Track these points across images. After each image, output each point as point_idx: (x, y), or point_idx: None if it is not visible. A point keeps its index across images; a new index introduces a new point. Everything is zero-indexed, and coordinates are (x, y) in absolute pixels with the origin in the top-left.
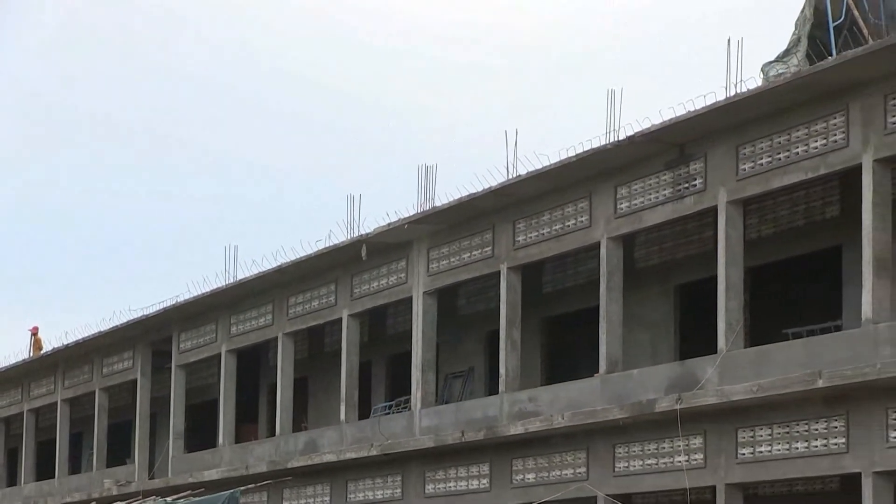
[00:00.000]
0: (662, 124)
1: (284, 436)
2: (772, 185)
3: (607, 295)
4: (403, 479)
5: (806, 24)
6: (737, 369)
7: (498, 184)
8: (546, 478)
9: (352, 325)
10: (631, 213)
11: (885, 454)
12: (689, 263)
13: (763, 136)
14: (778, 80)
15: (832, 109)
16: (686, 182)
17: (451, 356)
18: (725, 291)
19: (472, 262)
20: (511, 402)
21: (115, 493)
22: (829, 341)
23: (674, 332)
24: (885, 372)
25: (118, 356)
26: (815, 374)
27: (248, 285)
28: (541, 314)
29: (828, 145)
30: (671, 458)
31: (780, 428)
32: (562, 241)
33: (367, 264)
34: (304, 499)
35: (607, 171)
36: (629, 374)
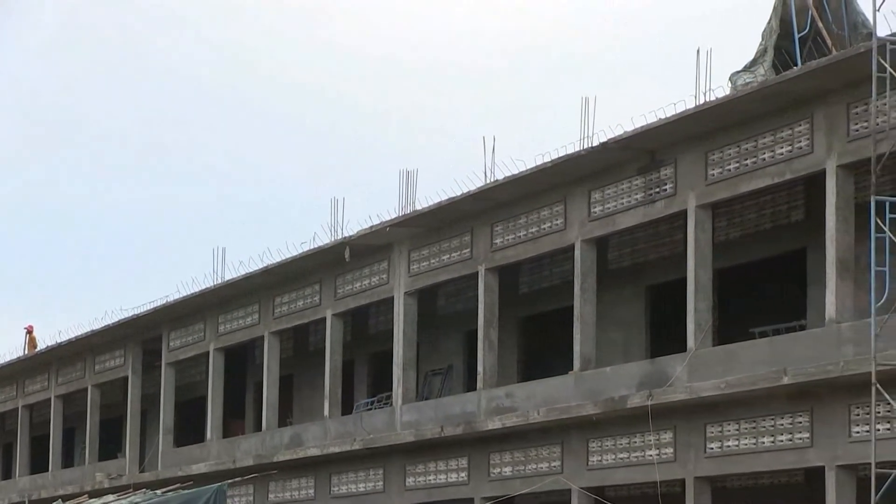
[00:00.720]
0: (634, 131)
1: (270, 431)
2: (739, 190)
3: (581, 295)
4: (385, 472)
5: (772, 35)
6: (705, 367)
7: (476, 188)
8: (522, 471)
9: (335, 324)
10: (604, 216)
11: (847, 449)
12: (660, 265)
13: (731, 142)
14: (745, 89)
15: (797, 117)
16: (657, 187)
17: (431, 354)
18: (695, 292)
19: (451, 264)
20: (488, 398)
21: (107, 486)
22: (794, 340)
23: (645, 331)
24: (847, 370)
25: (110, 354)
26: (781, 372)
27: (236, 286)
28: (517, 314)
29: (793, 151)
30: (642, 452)
31: (747, 423)
32: (538, 244)
33: (350, 266)
34: (289, 492)
35: (581, 176)
36: (602, 371)
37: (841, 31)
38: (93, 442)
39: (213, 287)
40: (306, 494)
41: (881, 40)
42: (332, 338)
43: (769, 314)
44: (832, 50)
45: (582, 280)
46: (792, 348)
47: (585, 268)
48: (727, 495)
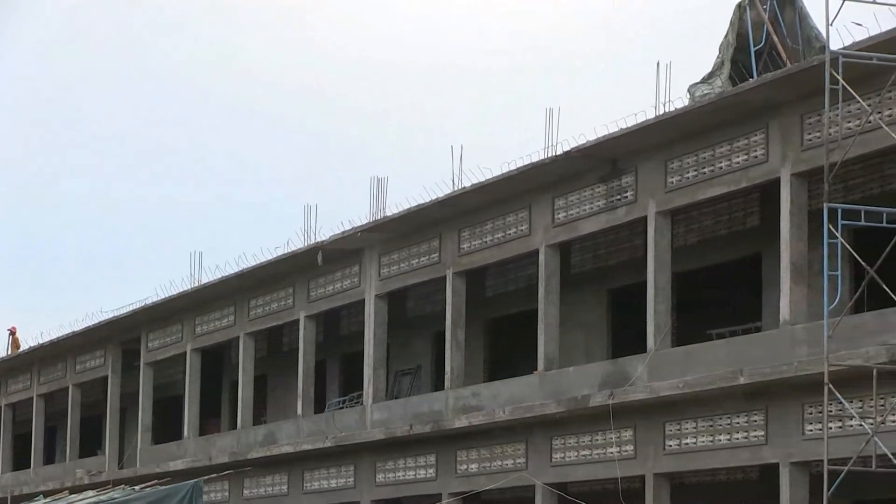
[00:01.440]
0: (596, 140)
1: (245, 429)
2: (697, 197)
3: (545, 298)
4: (356, 469)
5: (729, 48)
6: (665, 367)
7: (444, 195)
8: (488, 468)
9: (308, 325)
10: (567, 222)
11: (801, 446)
12: (621, 269)
13: (689, 151)
14: (703, 100)
15: (753, 127)
16: (618, 194)
17: (401, 355)
18: (654, 295)
19: (420, 268)
20: (456, 397)
21: (87, 482)
22: (750, 341)
23: (606, 332)
24: (801, 370)
25: (90, 355)
26: (737, 372)
27: (212, 289)
28: (484, 316)
29: (749, 160)
30: (604, 449)
31: (705, 421)
32: (503, 249)
33: (322, 270)
34: (263, 488)
35: (545, 183)
36: (565, 371)
37: (795, 45)
38: (73, 440)
39: (190, 290)
40: (280, 490)
41: (834, 53)
42: (304, 339)
43: (726, 316)
44: (787, 63)
45: (546, 283)
46: (748, 349)
47: (549, 272)
48: (685, 491)
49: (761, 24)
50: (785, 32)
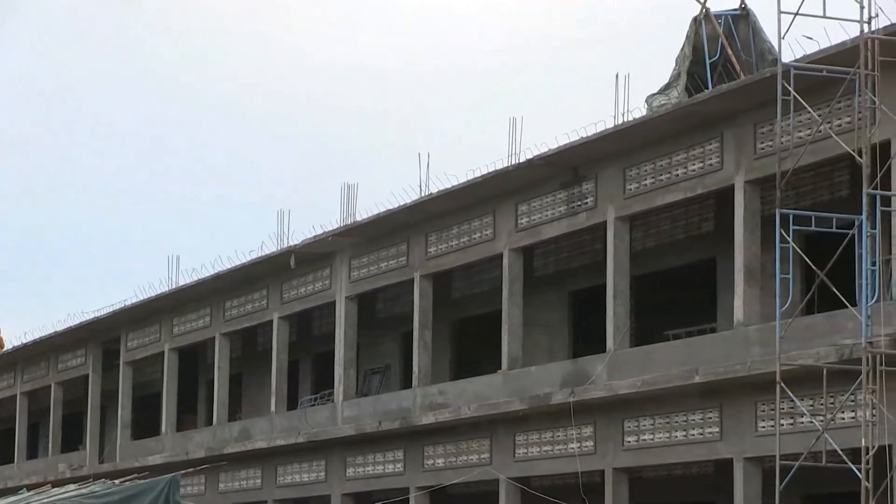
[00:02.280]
0: (558, 149)
1: (221, 425)
2: (655, 203)
3: (508, 300)
4: (327, 463)
5: (685, 60)
6: (623, 366)
7: (412, 201)
8: (454, 462)
9: (281, 326)
10: (530, 227)
11: (754, 442)
12: (582, 272)
13: (647, 159)
14: (660, 111)
15: (708, 136)
16: (579, 200)
17: (370, 354)
18: (613, 297)
19: (388, 271)
20: (423, 395)
21: (69, 477)
22: (705, 342)
23: (568, 333)
24: (754, 369)
25: (72, 354)
26: (693, 371)
27: (189, 291)
28: (450, 317)
29: (704, 168)
30: (565, 445)
31: (662, 419)
32: (468, 252)
33: (295, 272)
34: (238, 481)
35: (509, 190)
36: (528, 370)
37: (749, 58)
38: (56, 435)
39: (167, 292)
40: (254, 484)
41: (786, 66)
42: (278, 339)
43: (682, 318)
44: (740, 74)
45: (509, 286)
46: (703, 349)
47: (513, 275)
48: (643, 485)
49: (716, 38)
50: (739, 46)
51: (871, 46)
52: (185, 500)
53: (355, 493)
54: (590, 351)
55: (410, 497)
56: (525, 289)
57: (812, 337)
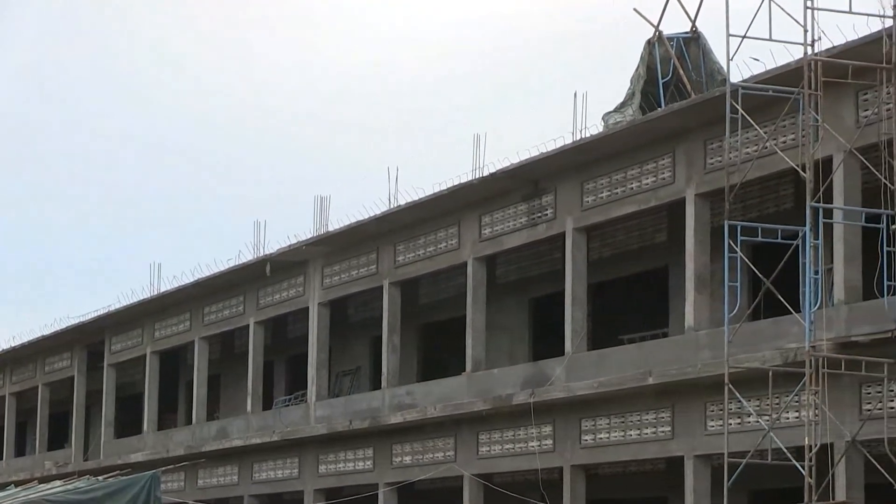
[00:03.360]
0: (519, 163)
1: (199, 424)
2: (611, 215)
3: (472, 306)
4: (300, 461)
5: (639, 80)
6: (581, 369)
7: (381, 212)
8: (420, 460)
9: (257, 330)
10: (493, 237)
11: (703, 440)
12: (542, 280)
13: (603, 173)
14: (616, 127)
15: (661, 152)
16: (539, 212)
17: (342, 357)
18: (571, 303)
19: (359, 278)
20: (392, 395)
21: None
22: (658, 345)
23: (528, 337)
24: (704, 371)
25: (58, 356)
26: (647, 373)
27: (170, 297)
28: (417, 322)
29: (657, 182)
30: (525, 443)
31: (617, 418)
32: (435, 261)
33: (270, 280)
34: (215, 478)
35: (473, 202)
36: (491, 372)
37: (699, 78)
38: (43, 434)
39: (149, 298)
40: (231, 480)
41: (734, 85)
42: (254, 342)
43: (636, 323)
44: (691, 94)
45: (473, 293)
46: (656, 353)
47: (476, 282)
48: (599, 481)
49: (668, 59)
50: (690, 66)
51: (814, 68)
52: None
53: (327, 489)
54: (549, 354)
55: (379, 493)
56: (488, 295)
57: (758, 341)
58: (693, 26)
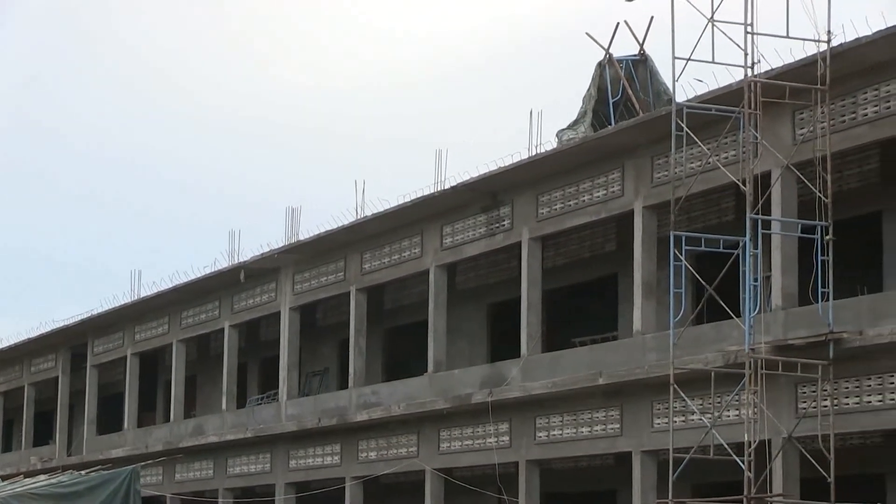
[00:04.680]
0: (479, 177)
1: (177, 421)
2: (564, 226)
3: (434, 311)
4: (272, 456)
5: (591, 100)
6: (536, 370)
7: (349, 222)
8: (385, 455)
9: (232, 334)
10: (454, 246)
11: (650, 437)
12: (499, 286)
13: (557, 186)
14: (569, 143)
15: (611, 167)
16: (497, 222)
17: (311, 358)
18: (527, 309)
19: (328, 285)
20: (358, 395)
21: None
22: (608, 348)
23: (486, 340)
24: (651, 372)
25: (43, 358)
26: (597, 374)
27: (149, 302)
28: (382, 326)
29: (607, 195)
30: (484, 439)
31: (569, 416)
32: (399, 268)
33: (244, 286)
34: (192, 472)
35: (435, 213)
36: (451, 373)
37: (647, 98)
38: (28, 431)
39: (130, 302)
40: (206, 475)
41: (679, 105)
42: (229, 345)
43: (587, 327)
44: (639, 112)
45: (435, 298)
46: (606, 355)
47: (438, 288)
48: (553, 475)
49: (618, 80)
50: (638, 87)
51: (754, 89)
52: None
53: (297, 483)
54: (506, 356)
55: (346, 486)
56: (449, 301)
57: (701, 344)
58: (641, 49)
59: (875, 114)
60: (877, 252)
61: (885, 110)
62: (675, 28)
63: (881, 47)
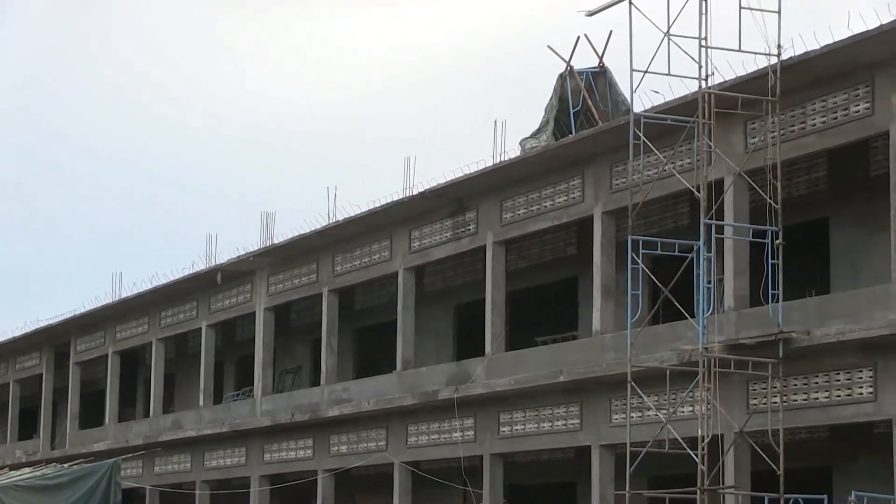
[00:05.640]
0: (445, 183)
1: (156, 417)
2: (527, 230)
3: (403, 311)
4: (247, 450)
5: (553, 109)
6: (499, 368)
7: (321, 227)
8: (355, 449)
9: (209, 333)
10: (421, 249)
11: (608, 431)
12: (465, 288)
13: (521, 193)
14: (532, 152)
15: (572, 174)
16: (463, 227)
17: (285, 357)
18: (491, 309)
19: (301, 286)
20: (330, 391)
21: (25, 461)
22: (568, 347)
23: (453, 339)
24: (609, 370)
25: (28, 356)
26: (558, 372)
27: (130, 302)
28: (353, 325)
29: (568, 201)
30: (450, 434)
31: (532, 412)
32: (369, 271)
33: (221, 287)
34: (170, 465)
35: (404, 218)
36: (419, 371)
37: (606, 108)
38: (14, 425)
39: (111, 303)
40: (184, 468)
41: (637, 115)
42: (206, 344)
43: (549, 327)
44: (599, 122)
45: (403, 299)
46: (566, 354)
47: (406, 290)
48: (516, 468)
49: (579, 91)
50: (598, 97)
51: (708, 100)
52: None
53: (271, 476)
54: (471, 354)
55: (318, 479)
56: (417, 302)
57: (657, 343)
58: (600, 62)
59: (823, 124)
60: (824, 256)
61: (833, 120)
62: (633, 41)
63: (829, 61)
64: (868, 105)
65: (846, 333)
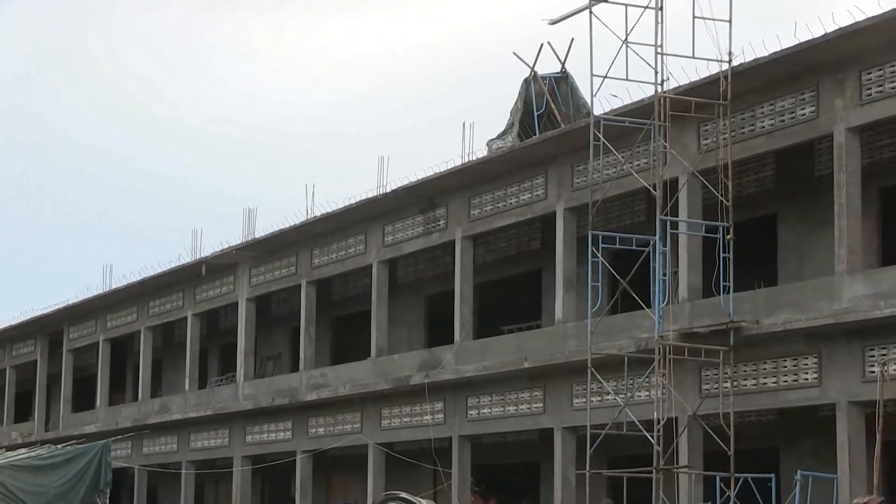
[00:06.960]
0: (417, 181)
1: (144, 401)
2: (493, 226)
3: (377, 302)
4: (230, 432)
5: (518, 112)
6: (468, 355)
7: (300, 222)
8: (332, 431)
9: (194, 322)
10: (394, 244)
11: (570, 415)
12: (435, 280)
13: (488, 190)
14: (498, 152)
15: (536, 173)
16: (433, 223)
17: (266, 345)
18: (460, 300)
19: (281, 278)
20: (308, 377)
21: (20, 442)
22: (533, 335)
23: (424, 328)
24: (570, 357)
25: (23, 343)
26: (523, 359)
27: (120, 293)
28: (330, 315)
29: (532, 198)
30: (421, 417)
31: (498, 396)
32: (345, 264)
33: (205, 279)
34: (158, 446)
35: (378, 214)
36: (392, 357)
37: (568, 111)
38: (10, 409)
39: (102, 293)
40: (171, 448)
41: (597, 118)
42: (191, 332)
43: (514, 316)
44: (561, 124)
45: (377, 291)
46: (531, 341)
47: (380, 282)
48: (483, 449)
49: (542, 95)
50: (560, 101)
51: (663, 103)
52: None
53: (253, 456)
54: (441, 342)
55: (297, 459)
56: (390, 293)
57: (616, 332)
58: (563, 68)
59: (771, 126)
60: (772, 250)
61: (780, 123)
62: (593, 49)
63: (777, 67)
64: (813, 109)
65: (793, 323)
